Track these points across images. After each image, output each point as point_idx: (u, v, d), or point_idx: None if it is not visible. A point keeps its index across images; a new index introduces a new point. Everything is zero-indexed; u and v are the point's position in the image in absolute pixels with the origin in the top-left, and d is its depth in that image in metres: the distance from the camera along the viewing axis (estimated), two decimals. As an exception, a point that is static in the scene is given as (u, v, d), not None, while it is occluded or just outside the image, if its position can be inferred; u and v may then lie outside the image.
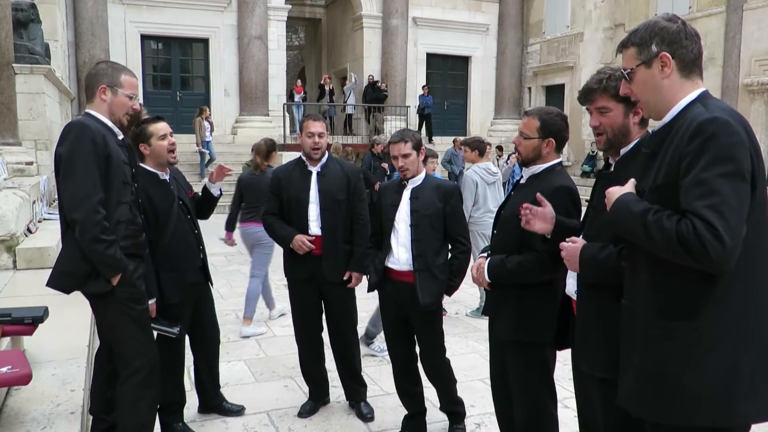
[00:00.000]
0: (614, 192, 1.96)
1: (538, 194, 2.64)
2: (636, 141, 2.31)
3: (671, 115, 1.90)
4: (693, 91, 1.90)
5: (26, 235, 5.92)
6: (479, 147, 6.53)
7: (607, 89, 2.29)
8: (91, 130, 2.71)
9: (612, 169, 2.37)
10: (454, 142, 15.92)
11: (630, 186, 1.96)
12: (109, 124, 2.86)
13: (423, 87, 19.51)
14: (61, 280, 2.80)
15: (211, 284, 3.94)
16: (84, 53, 15.86)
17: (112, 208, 2.76)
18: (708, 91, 1.93)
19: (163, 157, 3.52)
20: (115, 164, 2.77)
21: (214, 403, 4.04)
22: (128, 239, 2.83)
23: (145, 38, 17.50)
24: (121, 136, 2.92)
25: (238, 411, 4.05)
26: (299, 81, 19.62)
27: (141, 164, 3.54)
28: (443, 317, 3.71)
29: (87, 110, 2.87)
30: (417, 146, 3.52)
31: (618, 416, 2.19)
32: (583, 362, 2.35)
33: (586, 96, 2.36)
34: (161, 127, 3.51)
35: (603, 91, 2.31)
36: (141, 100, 3.02)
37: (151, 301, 3.39)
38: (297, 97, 18.76)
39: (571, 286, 2.47)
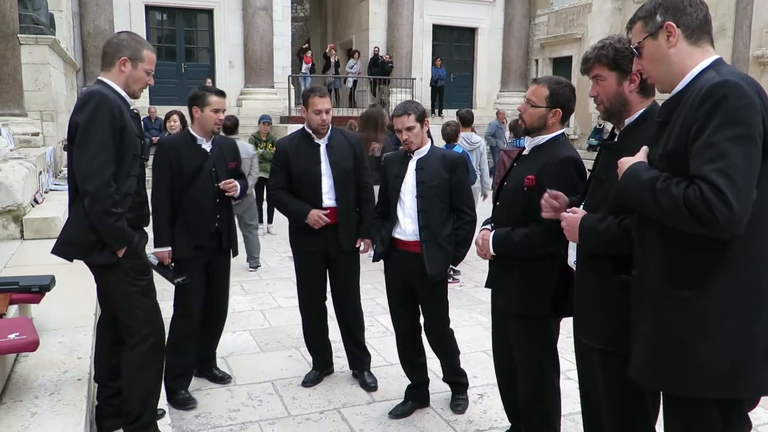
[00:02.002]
0: (626, 162, 1.94)
1: (555, 193, 2.56)
2: (641, 111, 2.29)
3: (684, 83, 1.88)
4: (705, 59, 1.87)
5: (33, 206, 5.96)
6: (462, 117, 7.62)
7: (600, 58, 2.29)
8: (110, 102, 2.71)
9: (616, 139, 2.35)
10: (498, 114, 15.59)
11: (642, 155, 1.95)
12: (123, 94, 2.85)
13: (436, 59, 19.35)
14: (66, 249, 2.81)
15: (234, 254, 4.06)
16: (88, 24, 15.74)
17: (122, 180, 2.76)
18: (722, 58, 1.90)
19: (209, 127, 3.78)
20: (128, 137, 2.77)
21: (204, 367, 4.14)
22: (133, 211, 2.85)
23: (149, 9, 17.33)
24: (132, 107, 2.92)
25: (222, 379, 4.14)
26: (309, 51, 19.35)
27: (188, 128, 3.85)
28: (452, 284, 3.74)
29: (102, 78, 2.85)
30: (420, 118, 3.49)
31: (619, 387, 2.20)
32: (582, 333, 2.35)
33: (584, 65, 2.37)
34: (219, 101, 3.79)
35: (596, 60, 2.31)
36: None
37: (167, 249, 3.68)
38: (305, 67, 18.58)
39: (572, 257, 2.46)
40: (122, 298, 2.87)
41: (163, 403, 3.47)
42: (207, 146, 3.82)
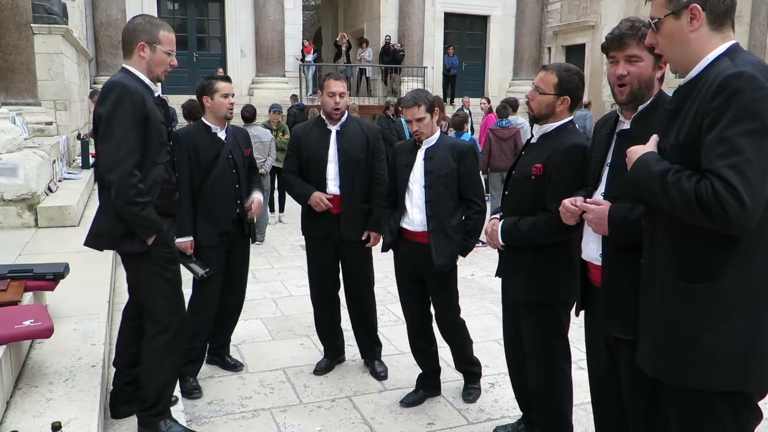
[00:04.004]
0: (636, 151, 1.90)
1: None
2: (653, 97, 2.24)
3: (697, 70, 1.83)
4: (722, 44, 1.82)
5: (47, 194, 6.01)
6: (510, 103, 8.87)
7: (644, 37, 2.14)
8: (131, 92, 2.71)
9: (628, 126, 2.29)
10: (586, 105, 15.15)
11: (652, 144, 1.90)
12: (147, 81, 2.85)
13: (449, 48, 19.24)
14: (97, 240, 2.84)
15: (253, 240, 4.15)
16: (101, 13, 15.79)
17: (148, 169, 2.77)
18: (738, 44, 1.84)
19: (222, 113, 3.82)
20: (152, 125, 2.77)
21: (217, 354, 4.18)
22: (162, 199, 2.85)
23: (161, -3, 17.38)
24: (157, 93, 2.92)
25: (234, 366, 4.17)
26: (306, 41, 18.88)
27: (202, 118, 3.86)
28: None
29: (125, 66, 2.86)
30: (430, 108, 3.46)
31: (647, 379, 2.10)
32: (613, 327, 2.26)
33: (620, 41, 2.22)
34: (226, 86, 3.82)
35: (639, 39, 2.17)
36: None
37: (188, 239, 3.69)
38: (308, 57, 18.32)
39: (592, 251, 2.37)
40: (149, 286, 2.89)
41: (176, 390, 3.50)
42: (222, 134, 3.87)
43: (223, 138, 3.87)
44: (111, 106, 2.69)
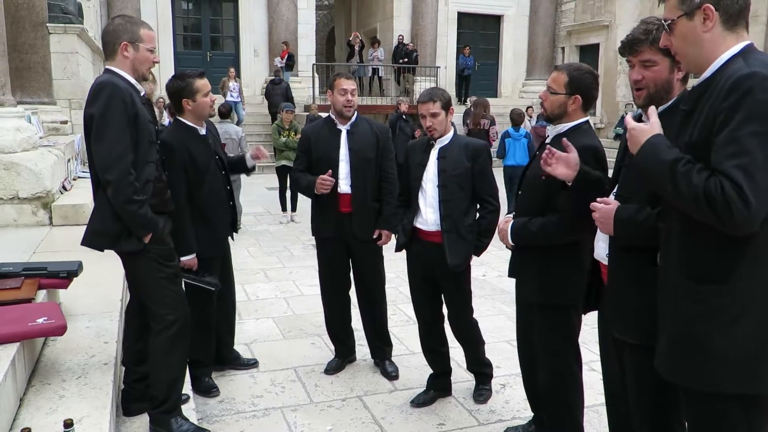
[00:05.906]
0: (643, 131, 1.87)
1: (564, 139, 2.57)
2: (674, 98, 2.21)
3: (711, 71, 1.82)
4: (736, 44, 1.80)
5: (61, 193, 6.05)
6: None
7: (656, 41, 2.12)
8: (121, 91, 2.72)
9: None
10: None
11: (657, 126, 1.88)
12: (133, 81, 2.86)
13: (464, 48, 19.21)
14: (94, 239, 2.85)
15: (232, 236, 3.99)
16: (115, 13, 15.87)
17: (140, 167, 2.79)
18: (752, 44, 1.82)
19: (206, 112, 3.62)
20: (142, 124, 2.79)
21: (230, 356, 4.14)
22: (156, 197, 2.87)
23: (175, -3, 17.48)
24: (143, 92, 2.93)
25: (247, 364, 4.16)
26: (285, 45, 17.43)
27: (179, 118, 3.62)
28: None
29: (109, 67, 2.86)
30: (446, 105, 3.45)
31: (650, 382, 2.14)
32: (615, 328, 2.27)
33: (632, 46, 2.21)
34: (205, 83, 3.58)
35: (651, 43, 2.15)
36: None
37: (192, 256, 3.52)
38: (277, 60, 17.17)
39: (601, 250, 2.38)
40: (149, 284, 2.90)
41: (187, 388, 3.52)
42: (203, 132, 3.68)
43: (208, 138, 3.69)
44: (103, 105, 2.69)
